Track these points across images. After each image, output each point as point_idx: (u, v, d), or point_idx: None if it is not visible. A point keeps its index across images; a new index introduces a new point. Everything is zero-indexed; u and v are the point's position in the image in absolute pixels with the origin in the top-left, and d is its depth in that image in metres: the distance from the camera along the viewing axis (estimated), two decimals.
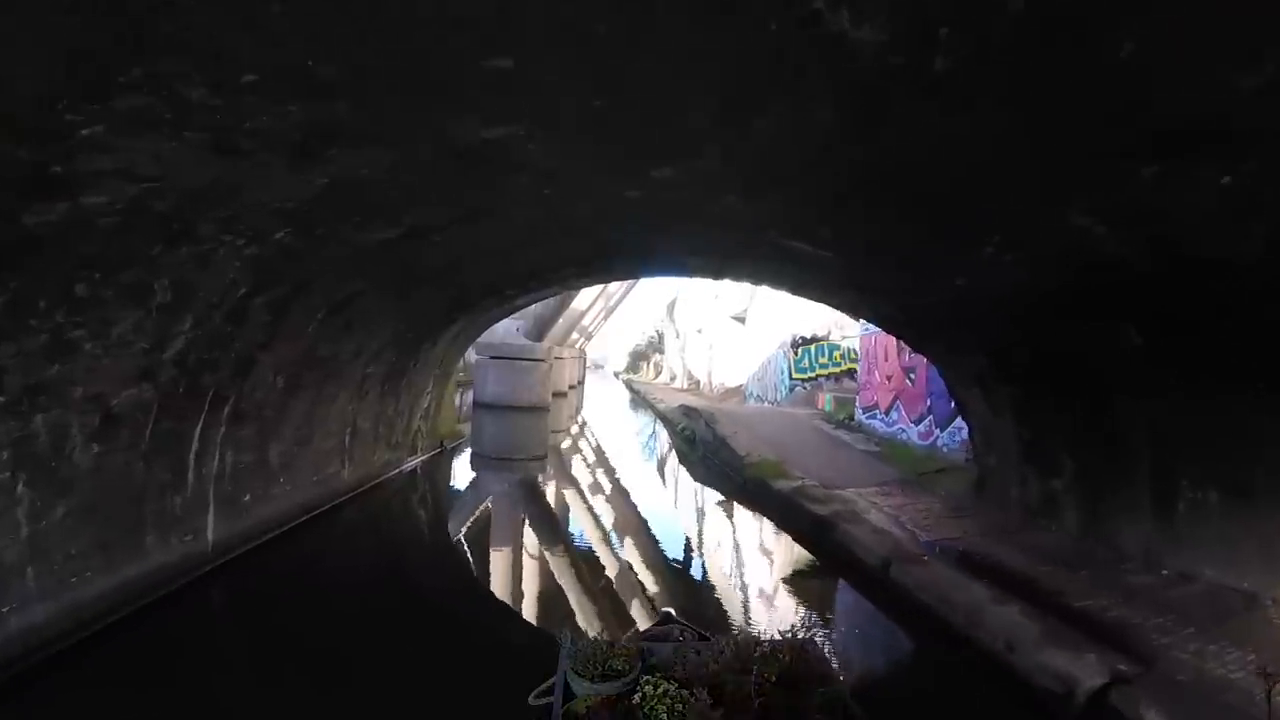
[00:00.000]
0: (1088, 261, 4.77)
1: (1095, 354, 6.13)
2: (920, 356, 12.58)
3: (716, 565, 7.64)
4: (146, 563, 5.21)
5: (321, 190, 3.87)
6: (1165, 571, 5.86)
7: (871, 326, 14.51)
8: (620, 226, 5.76)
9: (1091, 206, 3.84)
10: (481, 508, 10.08)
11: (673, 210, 5.37)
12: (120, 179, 3.13)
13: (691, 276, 8.82)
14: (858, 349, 20.03)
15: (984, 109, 2.90)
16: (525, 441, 18.74)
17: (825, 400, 17.57)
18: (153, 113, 2.71)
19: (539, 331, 22.53)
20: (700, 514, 9.94)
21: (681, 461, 15.01)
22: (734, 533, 8.71)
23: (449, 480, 11.67)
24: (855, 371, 20.09)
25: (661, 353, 57.70)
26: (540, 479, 13.37)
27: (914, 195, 4.25)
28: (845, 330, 20.14)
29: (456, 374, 14.22)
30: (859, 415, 14.52)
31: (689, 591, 6.79)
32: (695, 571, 7.51)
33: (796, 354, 19.64)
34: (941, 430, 11.68)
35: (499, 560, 7.74)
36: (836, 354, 19.95)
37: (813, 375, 19.71)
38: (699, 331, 36.08)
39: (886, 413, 13.39)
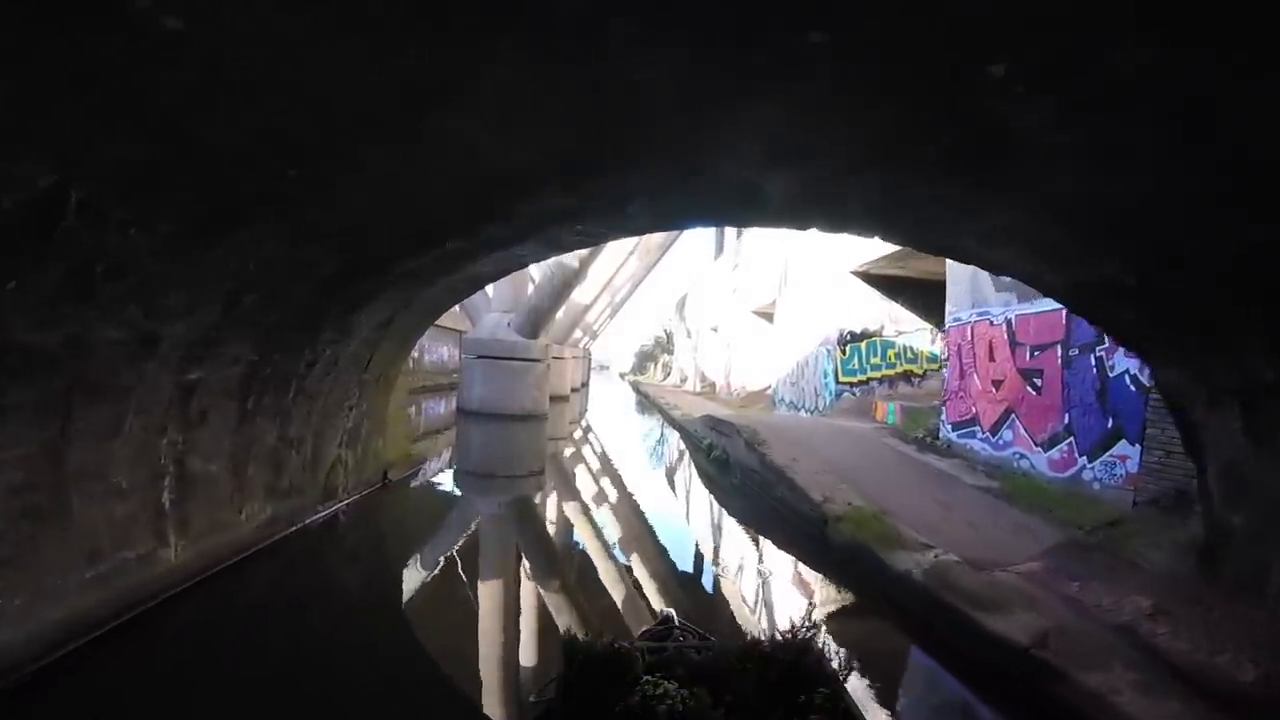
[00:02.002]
0: None
1: None
2: (1050, 354, 9.09)
3: None
4: None
5: None
6: None
7: (964, 316, 11.06)
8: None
9: None
10: (432, 574, 6.64)
11: None
12: None
13: (757, 219, 5.38)
14: (917, 346, 16.64)
15: None
16: (518, 455, 15.72)
17: (887, 410, 14.08)
18: None
19: (534, 326, 19.17)
20: (774, 604, 6.47)
21: (709, 488, 11.57)
22: (854, 661, 5.10)
23: (391, 529, 8.19)
24: (912, 374, 16.70)
25: (670, 353, 54.60)
26: (534, 506, 10.15)
27: None
28: (901, 324, 16.67)
29: (409, 377, 10.88)
30: (946, 432, 11.02)
31: None
32: None
33: (845, 353, 16.15)
34: (1089, 459, 8.20)
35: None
36: (891, 353, 16.47)
37: (864, 378, 16.22)
38: (714, 329, 32.66)
39: (992, 431, 9.91)
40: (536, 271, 22.12)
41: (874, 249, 14.17)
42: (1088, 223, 4.19)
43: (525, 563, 7.41)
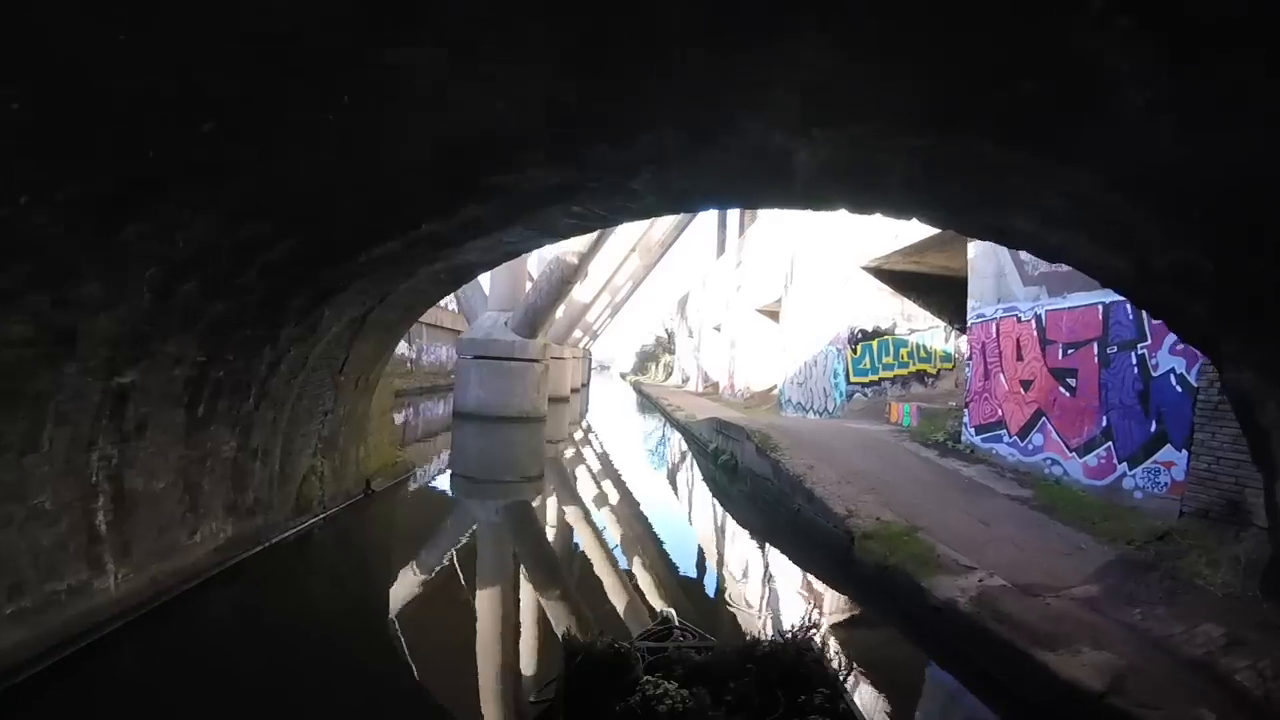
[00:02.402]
0: None
1: None
2: (1086, 352, 8.43)
3: None
4: None
5: None
6: None
7: (989, 312, 10.41)
8: None
9: None
10: (422, 586, 6.02)
11: None
12: None
13: (779, 198, 4.76)
14: (930, 344, 15.98)
15: None
16: (516, 459, 15.15)
17: (902, 412, 13.45)
18: None
19: (532, 325, 18.56)
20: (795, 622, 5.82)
21: (718, 497, 10.96)
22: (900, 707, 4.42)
23: (372, 543, 7.55)
24: (926, 373, 16.07)
25: (672, 353, 54.01)
26: (532, 513, 9.62)
27: None
28: (914, 322, 16.03)
29: (391, 379, 10.28)
30: (969, 436, 10.38)
31: None
32: None
33: (856, 351, 15.50)
34: (1130, 466, 7.57)
35: None
36: (904, 351, 15.83)
37: (876, 378, 15.57)
38: (717, 329, 32.00)
39: (1021, 435, 9.27)
40: (535, 269, 21.55)
41: (886, 243, 13.53)
42: (1171, 197, 3.56)
43: (524, 569, 6.97)
